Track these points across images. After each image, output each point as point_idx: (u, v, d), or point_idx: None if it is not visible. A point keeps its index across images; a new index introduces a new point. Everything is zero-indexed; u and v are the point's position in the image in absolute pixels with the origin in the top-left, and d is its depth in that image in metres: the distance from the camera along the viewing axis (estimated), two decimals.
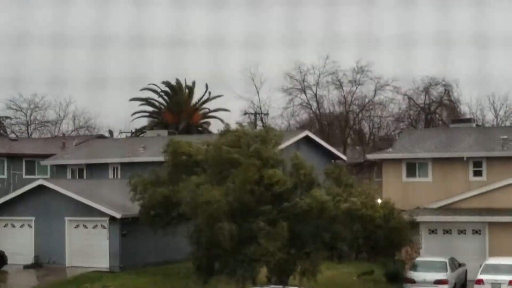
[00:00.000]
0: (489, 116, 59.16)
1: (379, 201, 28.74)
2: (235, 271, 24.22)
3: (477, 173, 34.46)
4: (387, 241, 26.84)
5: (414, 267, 27.77)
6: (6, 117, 62.03)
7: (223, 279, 25.06)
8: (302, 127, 46.48)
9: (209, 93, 58.08)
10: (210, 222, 22.50)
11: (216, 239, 22.76)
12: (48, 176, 44.02)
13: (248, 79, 53.68)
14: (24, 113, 63.72)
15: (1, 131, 59.69)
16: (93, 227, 31.96)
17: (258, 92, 54.04)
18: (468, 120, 48.37)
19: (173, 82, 58.06)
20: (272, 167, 24.37)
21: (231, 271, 24.30)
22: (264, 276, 25.11)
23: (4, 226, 34.86)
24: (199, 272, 25.09)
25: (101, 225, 31.13)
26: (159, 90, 57.70)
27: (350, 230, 25.02)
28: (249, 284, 24.02)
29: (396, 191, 33.30)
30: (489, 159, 34.35)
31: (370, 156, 41.62)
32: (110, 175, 41.01)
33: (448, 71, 59.37)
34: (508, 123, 54.68)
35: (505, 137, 36.13)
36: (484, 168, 34.33)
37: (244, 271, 24.10)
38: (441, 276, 26.48)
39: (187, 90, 58.79)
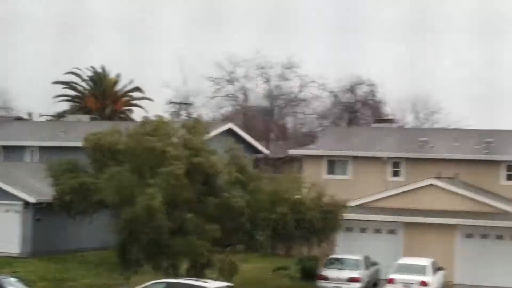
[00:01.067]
0: (410, 118, 61.50)
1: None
2: (160, 263, 24.15)
3: (396, 173, 34.88)
4: (321, 223, 26.16)
5: (328, 264, 27.90)
6: None
7: (146, 270, 24.48)
8: (226, 119, 46.56)
9: (132, 81, 57.64)
10: (146, 213, 22.09)
11: (149, 231, 22.49)
12: None
13: (177, 68, 54.24)
14: None
15: None
16: (5, 211, 30.99)
17: (185, 82, 54.08)
18: (390, 121, 48.96)
19: (99, 69, 57.48)
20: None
21: (156, 263, 24.14)
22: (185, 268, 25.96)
23: None
24: (123, 263, 24.72)
25: (14, 210, 29.99)
26: (84, 75, 57.02)
27: (276, 213, 24.73)
28: (171, 276, 23.38)
29: (320, 188, 32.77)
30: (408, 160, 34.82)
31: (292, 152, 41.52)
32: (28, 159, 39.62)
33: (373, 71, 62.41)
34: (427, 126, 56.36)
35: (425, 139, 36.77)
36: (402, 169, 34.78)
37: (169, 263, 24.29)
38: (354, 274, 26.59)
39: (112, 77, 58.05)
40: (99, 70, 57.53)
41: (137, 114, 55.83)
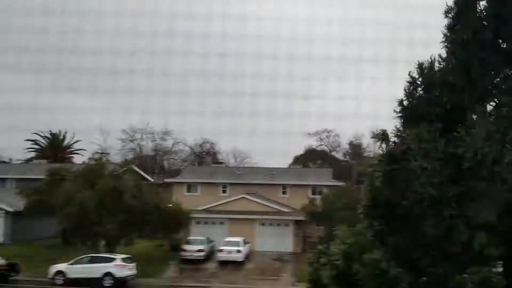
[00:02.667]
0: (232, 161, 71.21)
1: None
2: (86, 242, 32.02)
3: (224, 191, 44.21)
4: (163, 223, 33.93)
5: (186, 242, 35.49)
6: None
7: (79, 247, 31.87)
8: (131, 162, 53.90)
9: (73, 137, 68.71)
10: (81, 211, 29.96)
11: (82, 221, 30.23)
12: None
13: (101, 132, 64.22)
14: None
15: None
16: None
17: (105, 140, 64.61)
18: (221, 163, 61.43)
19: (54, 131, 67.14)
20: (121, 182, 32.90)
21: (84, 241, 32.05)
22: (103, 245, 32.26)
23: None
24: (64, 242, 32.90)
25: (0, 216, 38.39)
26: (43, 135, 66.74)
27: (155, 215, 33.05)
28: (92, 251, 30.63)
29: (182, 200, 39.35)
30: (230, 184, 44.39)
31: (167, 180, 49.66)
32: (8, 186, 48.28)
33: (210, 134, 73.51)
34: (241, 165, 66.15)
35: (240, 172, 47.23)
36: (228, 189, 44.24)
37: (92, 242, 31.91)
38: (200, 247, 34.74)
39: (61, 136, 68.32)
40: (54, 131, 67.38)
41: (76, 159, 65.87)
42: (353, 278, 9.20)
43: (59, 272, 28.67)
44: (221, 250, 34.51)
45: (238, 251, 34.33)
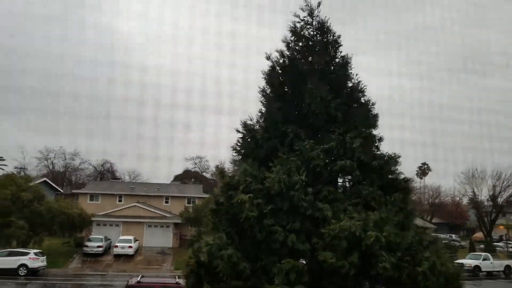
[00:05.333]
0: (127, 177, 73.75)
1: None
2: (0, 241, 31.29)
3: (120, 200, 45.73)
4: (69, 224, 35.06)
5: (88, 240, 36.55)
6: None
7: None
8: (45, 175, 55.00)
9: None
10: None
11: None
12: None
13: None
14: None
15: None
16: None
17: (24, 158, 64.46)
18: (118, 179, 61.72)
19: None
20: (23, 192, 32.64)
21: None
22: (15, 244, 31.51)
23: None
24: None
25: None
26: None
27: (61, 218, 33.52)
28: (7, 248, 30.32)
29: (85, 207, 40.41)
30: (125, 195, 46.05)
31: (74, 191, 49.58)
32: None
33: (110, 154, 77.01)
34: (134, 181, 68.11)
35: (133, 186, 48.33)
36: (123, 199, 45.83)
37: (5, 241, 31.63)
38: (99, 243, 35.83)
39: None
40: None
41: None
42: (214, 270, 9.61)
43: None
44: (116, 246, 35.57)
45: (130, 247, 35.58)
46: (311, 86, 10.72)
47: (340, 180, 11.03)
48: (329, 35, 11.36)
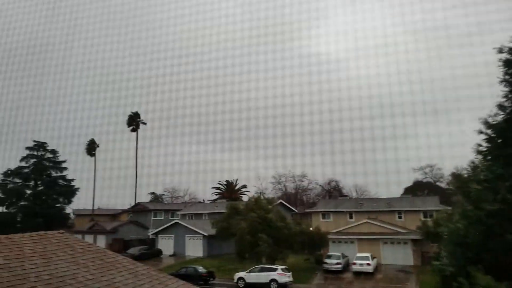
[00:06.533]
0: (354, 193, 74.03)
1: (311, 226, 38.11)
2: (252, 257, 34.13)
3: (351, 217, 45.05)
4: (307, 242, 36.12)
5: (327, 257, 36.92)
6: None
7: (249, 261, 34.27)
8: (280, 198, 60.05)
9: (236, 182, 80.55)
10: (239, 237, 34.07)
11: (245, 243, 33.48)
12: None
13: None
14: None
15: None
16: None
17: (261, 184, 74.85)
18: (346, 196, 61.27)
19: (229, 179, 78.85)
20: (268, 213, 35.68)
21: (251, 257, 34.29)
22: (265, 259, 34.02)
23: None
24: (239, 257, 35.34)
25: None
26: (222, 184, 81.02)
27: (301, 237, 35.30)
28: (258, 263, 32.69)
29: (318, 225, 42.06)
30: (355, 211, 45.10)
31: (307, 210, 51.57)
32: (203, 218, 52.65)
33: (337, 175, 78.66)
34: (361, 197, 68.91)
35: (362, 203, 47.25)
36: (353, 215, 45.03)
37: (256, 257, 34.07)
38: (338, 261, 36.08)
39: (234, 183, 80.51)
40: (229, 180, 76.90)
41: (244, 198, 71.76)
42: None
43: (240, 278, 31.91)
44: (354, 263, 34.99)
45: (368, 264, 34.57)
46: None
47: None
48: None
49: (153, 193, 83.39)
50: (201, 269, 33.37)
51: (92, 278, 7.61)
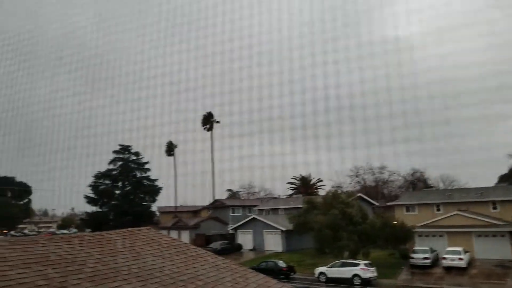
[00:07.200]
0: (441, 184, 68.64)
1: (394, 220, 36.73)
2: (333, 252, 34.28)
3: (438, 209, 42.76)
4: (391, 236, 34.78)
5: (413, 252, 35.25)
6: None
7: (329, 256, 34.45)
8: (359, 191, 58.75)
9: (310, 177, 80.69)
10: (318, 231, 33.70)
11: (325, 238, 33.88)
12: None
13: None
14: None
15: None
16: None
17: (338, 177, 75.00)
18: (431, 187, 57.94)
19: (304, 175, 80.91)
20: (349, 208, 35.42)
21: (331, 251, 34.25)
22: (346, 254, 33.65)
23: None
24: (318, 251, 35.93)
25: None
26: (297, 179, 79.93)
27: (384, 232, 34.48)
28: (339, 258, 32.27)
29: (403, 218, 40.19)
30: (443, 203, 42.54)
31: (389, 203, 49.99)
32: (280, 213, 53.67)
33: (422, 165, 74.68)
34: (449, 187, 63.66)
35: (449, 194, 44.63)
36: (441, 207, 42.69)
37: (337, 251, 34.26)
38: (426, 255, 34.35)
39: (309, 178, 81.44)
40: (304, 175, 78.02)
41: (320, 192, 72.51)
42: None
43: (322, 273, 31.70)
44: (444, 258, 33.24)
45: (460, 259, 32.57)
46: None
47: None
48: None
49: (229, 189, 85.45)
50: (281, 263, 33.46)
51: (177, 271, 7.93)
